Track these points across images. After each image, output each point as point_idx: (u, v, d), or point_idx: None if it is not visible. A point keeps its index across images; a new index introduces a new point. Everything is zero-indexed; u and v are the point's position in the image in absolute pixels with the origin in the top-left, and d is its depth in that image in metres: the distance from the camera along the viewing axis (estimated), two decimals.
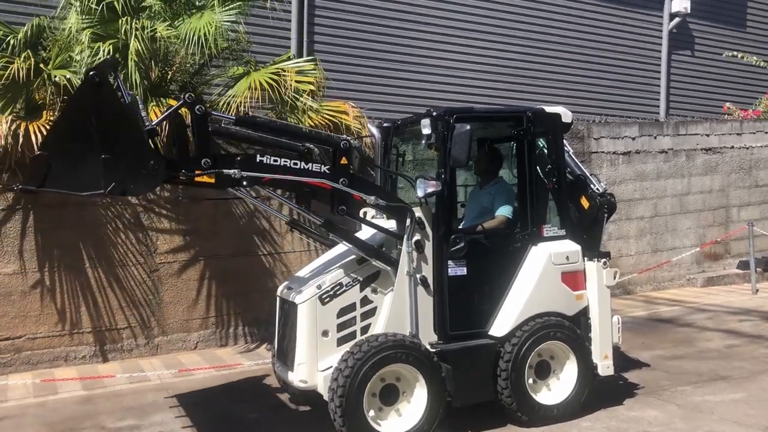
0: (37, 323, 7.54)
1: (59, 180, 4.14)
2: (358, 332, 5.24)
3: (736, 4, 15.74)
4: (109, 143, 4.16)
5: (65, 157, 4.16)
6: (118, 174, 4.16)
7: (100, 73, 4.22)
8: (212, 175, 4.61)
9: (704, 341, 8.15)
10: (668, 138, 12.06)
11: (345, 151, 5.06)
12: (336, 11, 11.52)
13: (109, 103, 4.21)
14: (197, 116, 4.64)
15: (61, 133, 4.24)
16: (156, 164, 4.31)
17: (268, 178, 4.79)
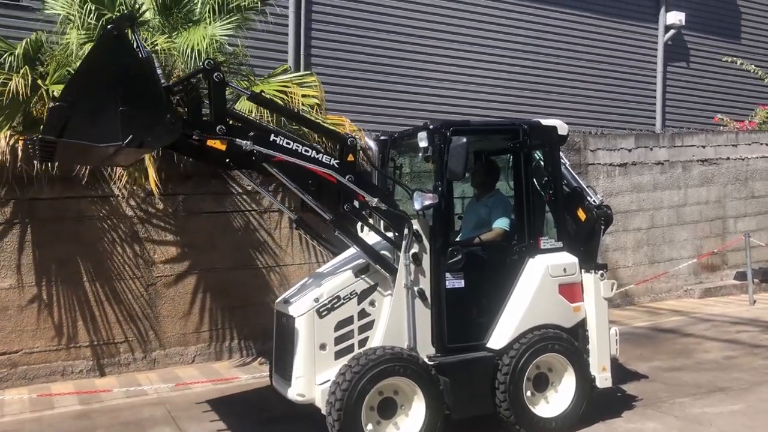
0: (34, 338, 7.52)
1: (78, 131, 4.17)
2: (356, 345, 5.23)
3: (730, 16, 15.86)
4: (127, 96, 4.24)
5: (84, 109, 4.19)
6: (136, 126, 4.24)
7: (118, 26, 4.28)
8: (224, 142, 4.66)
9: (702, 352, 8.14)
10: (664, 149, 12.11)
11: (351, 147, 5.11)
12: (333, 24, 11.59)
13: (127, 56, 4.29)
14: (215, 83, 4.70)
15: (79, 85, 4.27)
16: (172, 118, 4.40)
17: (279, 157, 4.83)
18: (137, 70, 4.33)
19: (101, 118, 4.20)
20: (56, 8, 7.87)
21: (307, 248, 8.81)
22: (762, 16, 16.30)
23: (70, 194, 7.65)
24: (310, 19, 11.41)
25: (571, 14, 13.72)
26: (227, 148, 4.70)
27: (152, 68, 4.48)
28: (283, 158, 4.86)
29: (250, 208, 8.54)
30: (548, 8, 13.46)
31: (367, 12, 11.83)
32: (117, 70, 4.23)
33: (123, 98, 4.22)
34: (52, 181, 7.42)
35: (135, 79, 4.29)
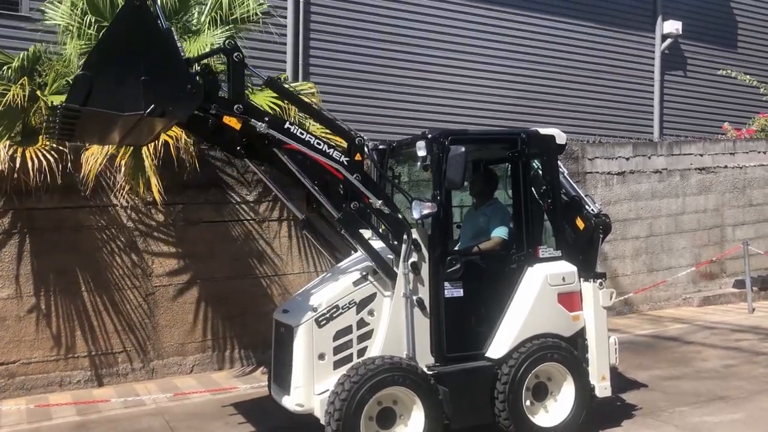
0: (32, 348, 7.49)
1: (101, 100, 4.21)
2: (355, 355, 5.22)
3: (726, 26, 15.92)
4: (148, 65, 4.28)
5: (106, 79, 4.23)
6: (158, 95, 4.28)
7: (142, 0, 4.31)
8: (240, 120, 4.72)
9: (702, 361, 8.13)
10: (662, 158, 12.13)
11: (359, 147, 5.18)
12: (331, 34, 11.61)
13: (148, 26, 4.35)
14: (235, 62, 4.78)
15: (102, 55, 4.32)
16: (193, 88, 4.46)
17: (291, 145, 4.88)
18: (158, 40, 4.39)
19: (123, 88, 4.25)
20: (56, 19, 7.89)
21: (305, 257, 8.81)
22: (758, 25, 16.37)
23: (68, 204, 7.65)
24: (309, 29, 11.44)
25: (568, 23, 13.77)
26: (241, 127, 4.76)
27: (173, 39, 4.55)
28: (294, 146, 4.92)
29: (249, 218, 8.54)
30: (546, 17, 13.51)
31: (365, 22, 11.87)
32: (138, 40, 4.28)
33: (145, 68, 4.28)
34: (51, 191, 7.42)
35: (156, 49, 4.35)
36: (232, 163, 8.47)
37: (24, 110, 7.20)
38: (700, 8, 15.45)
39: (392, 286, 5.27)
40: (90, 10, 7.56)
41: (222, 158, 8.41)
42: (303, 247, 8.78)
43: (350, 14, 11.74)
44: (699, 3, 15.47)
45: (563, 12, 13.69)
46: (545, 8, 13.49)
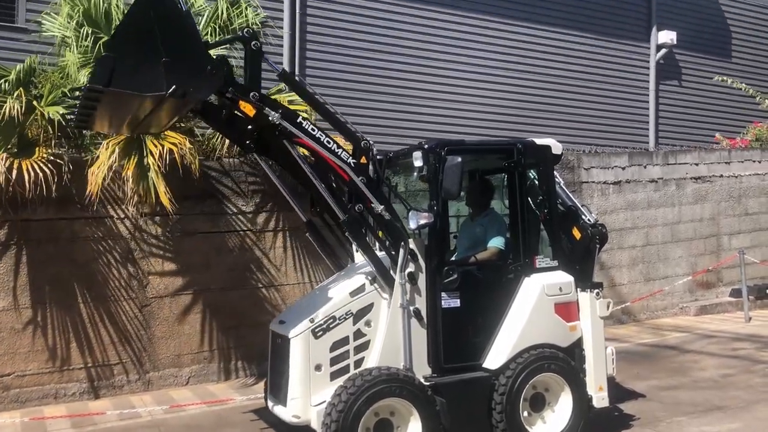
0: (27, 360, 7.45)
1: (124, 80, 4.26)
2: (352, 366, 5.20)
3: (721, 35, 16.01)
4: (169, 47, 4.33)
5: (129, 59, 4.28)
6: (179, 76, 4.33)
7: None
8: (255, 107, 4.79)
9: (699, 371, 8.12)
10: (658, 167, 12.16)
11: (365, 150, 5.20)
12: (327, 45, 11.65)
13: (168, 8, 4.40)
14: (252, 51, 4.88)
15: (124, 37, 4.38)
16: (213, 69, 4.54)
17: (301, 139, 4.94)
18: (178, 22, 4.43)
19: (145, 69, 4.30)
20: (53, 30, 7.91)
21: (302, 268, 8.80)
22: (752, 34, 16.46)
23: (64, 215, 7.63)
24: (305, 39, 11.47)
25: (564, 34, 13.83)
26: (255, 115, 4.82)
27: (192, 21, 4.63)
28: (305, 141, 4.97)
29: (245, 228, 8.53)
30: (541, 28, 13.57)
31: (361, 32, 11.90)
32: (159, 22, 4.33)
33: (165, 49, 4.32)
34: (46, 202, 7.40)
35: (176, 31, 4.39)
36: (229, 174, 8.47)
37: (20, 122, 7.19)
38: (694, 18, 15.54)
39: (389, 296, 5.26)
40: (86, 22, 7.58)
41: (218, 169, 8.41)
42: (299, 257, 8.77)
43: (346, 24, 11.79)
44: (693, 13, 15.56)
45: (558, 23, 13.76)
46: (540, 19, 13.56)
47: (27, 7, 9.52)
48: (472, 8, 12.86)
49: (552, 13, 13.67)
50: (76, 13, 7.63)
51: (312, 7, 11.56)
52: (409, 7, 12.31)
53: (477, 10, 12.90)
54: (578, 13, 14.00)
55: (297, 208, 6.07)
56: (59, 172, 7.26)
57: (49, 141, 7.52)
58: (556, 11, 13.72)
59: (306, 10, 11.47)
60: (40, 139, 7.55)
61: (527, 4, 13.44)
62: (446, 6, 12.63)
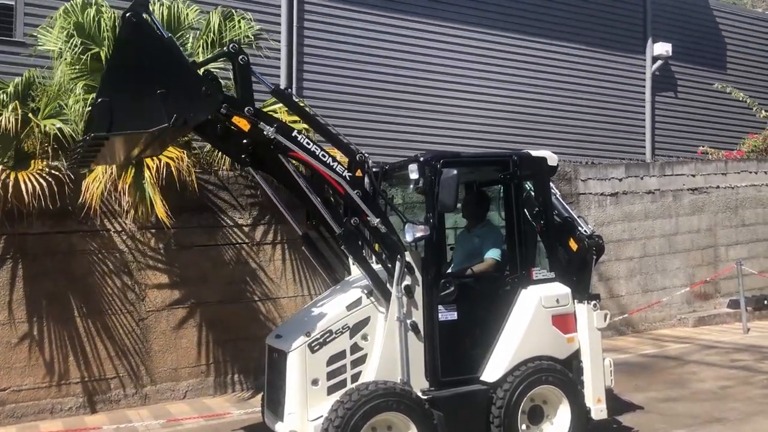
0: (23, 375, 7.42)
1: (124, 122, 4.27)
2: (349, 380, 5.17)
3: (716, 47, 16.09)
4: (160, 78, 4.34)
5: (124, 99, 4.28)
6: (176, 105, 4.35)
7: (135, 13, 4.34)
8: (250, 122, 4.77)
9: (697, 382, 8.10)
10: (655, 179, 12.19)
11: (360, 163, 5.19)
12: (323, 58, 11.68)
13: (150, 39, 4.40)
14: (240, 66, 4.82)
15: (115, 78, 4.37)
16: (208, 90, 4.54)
17: (297, 153, 4.93)
18: (164, 51, 4.45)
19: (143, 105, 4.31)
20: (48, 44, 7.92)
21: (299, 281, 8.78)
22: (746, 46, 16.54)
23: (61, 229, 7.62)
24: (302, 53, 11.51)
25: (560, 46, 13.89)
26: (250, 129, 4.80)
27: (176, 46, 4.64)
28: (300, 155, 4.96)
29: (242, 241, 8.52)
30: (537, 40, 13.63)
31: (358, 45, 11.94)
32: (145, 55, 4.34)
33: (157, 80, 4.33)
34: (44, 215, 7.39)
35: (164, 60, 4.41)
36: (226, 187, 8.48)
37: (17, 135, 7.19)
38: (689, 30, 15.62)
39: (386, 309, 5.24)
40: (77, 33, 7.60)
41: (216, 182, 8.41)
42: (296, 270, 8.76)
43: (343, 37, 11.83)
44: (688, 25, 15.65)
45: (554, 35, 13.82)
46: (536, 31, 13.62)
47: (25, 21, 9.55)
48: (468, 21, 12.91)
49: (548, 26, 13.74)
50: (68, 24, 7.65)
51: (309, 20, 11.61)
52: (406, 20, 12.37)
53: (473, 23, 12.96)
54: (574, 25, 14.07)
55: (292, 222, 6.05)
56: (57, 184, 7.26)
57: (46, 154, 7.52)
58: (551, 24, 13.78)
59: (303, 23, 11.53)
60: (37, 152, 7.55)
61: (523, 17, 13.50)
62: (443, 19, 12.68)
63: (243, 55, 4.83)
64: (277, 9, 11.26)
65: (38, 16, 9.25)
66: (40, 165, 7.33)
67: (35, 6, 9.58)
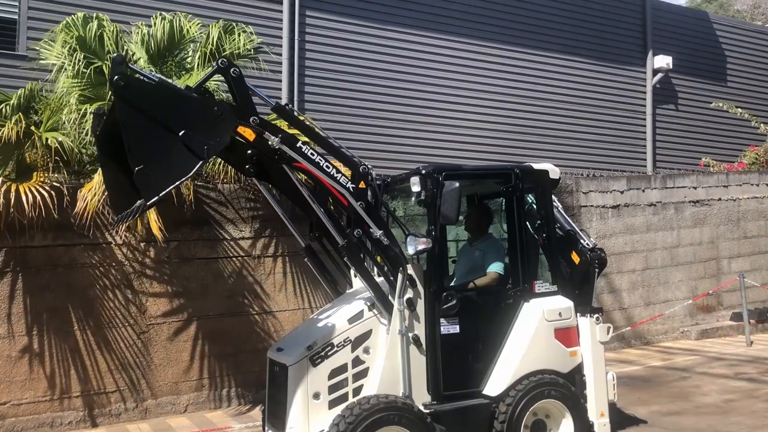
0: (23, 388, 7.38)
1: (166, 179, 4.37)
2: (351, 394, 5.15)
3: (716, 60, 16.14)
4: (173, 120, 4.40)
5: (156, 160, 4.34)
6: (203, 138, 4.43)
7: (120, 74, 4.33)
8: (255, 131, 4.81)
9: (701, 396, 8.05)
10: (656, 191, 12.18)
11: (364, 175, 5.20)
12: (325, 71, 11.73)
13: (145, 91, 4.45)
14: (234, 78, 4.85)
15: (136, 145, 4.37)
16: (219, 109, 4.59)
17: (301, 164, 4.96)
18: (161, 95, 4.49)
19: (174, 155, 4.38)
20: (51, 58, 7.96)
21: (300, 294, 8.76)
22: (746, 59, 16.60)
23: (63, 242, 7.61)
24: (304, 65, 11.56)
25: (561, 59, 13.94)
26: (255, 139, 4.84)
27: (171, 85, 4.69)
28: (304, 165, 4.98)
29: (243, 255, 8.51)
30: (539, 54, 13.68)
31: (359, 59, 11.99)
32: (148, 108, 4.38)
33: (174, 125, 4.39)
34: (45, 228, 7.39)
35: (168, 103, 4.46)
36: (227, 199, 8.47)
37: (18, 147, 7.21)
38: (689, 43, 15.68)
39: (388, 322, 5.22)
40: (79, 47, 7.64)
41: (216, 196, 8.41)
42: (297, 284, 8.74)
43: (345, 51, 11.88)
44: (688, 38, 15.71)
45: (556, 48, 13.88)
46: (538, 44, 13.67)
47: (28, 35, 9.60)
48: (471, 34, 12.97)
49: (549, 39, 13.79)
50: (71, 38, 7.69)
51: (311, 34, 11.67)
52: (408, 33, 12.43)
53: (475, 37, 13.02)
54: (574, 38, 14.13)
55: (296, 233, 6.04)
56: (57, 196, 7.26)
57: (47, 166, 7.53)
58: (553, 37, 13.84)
59: (304, 37, 11.58)
60: (39, 164, 7.56)
61: (525, 30, 13.56)
62: (443, 32, 12.74)
63: (234, 68, 4.85)
64: (278, 23, 11.32)
65: (41, 30, 9.29)
66: (41, 177, 7.33)
67: (38, 20, 9.63)
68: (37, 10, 9.74)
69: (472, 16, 13.02)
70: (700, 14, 17.43)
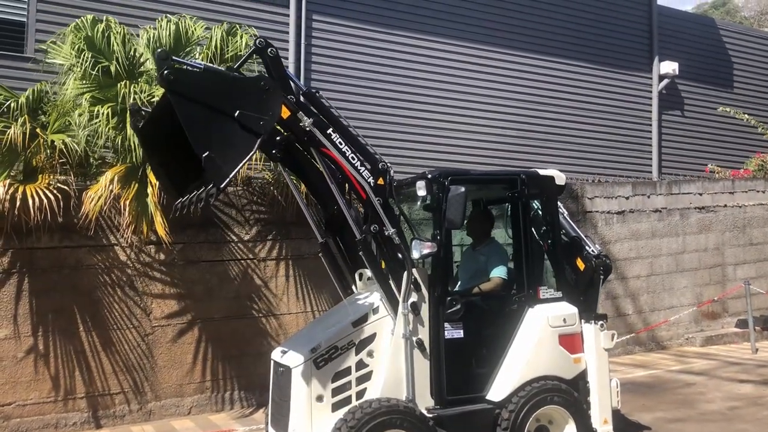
0: (28, 389, 7.41)
1: (231, 161, 4.46)
2: (354, 397, 5.16)
3: (723, 66, 16.11)
4: (228, 104, 4.49)
5: (219, 144, 4.45)
6: (255, 114, 4.53)
7: (167, 68, 4.39)
8: (290, 109, 4.95)
9: (706, 403, 8.02)
10: (661, 197, 12.16)
11: (383, 172, 5.25)
12: (331, 75, 11.75)
13: (194, 82, 4.56)
14: (271, 58, 4.99)
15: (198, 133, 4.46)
16: (265, 83, 4.68)
17: (328, 150, 5.06)
18: (209, 81, 4.62)
19: (234, 136, 4.49)
20: (58, 58, 8.00)
21: (304, 297, 8.77)
22: (752, 65, 16.57)
23: (69, 243, 7.65)
24: (310, 69, 11.58)
25: (567, 65, 13.93)
26: (288, 117, 4.96)
27: (216, 69, 4.85)
28: (331, 152, 5.09)
29: (248, 257, 8.53)
30: (545, 59, 13.68)
31: (365, 63, 12.01)
32: (199, 96, 4.46)
33: (227, 107, 4.49)
34: (51, 230, 7.42)
35: (216, 88, 4.56)
36: (232, 202, 8.50)
37: (25, 148, 7.24)
38: (696, 49, 15.66)
39: (393, 325, 5.22)
40: (87, 47, 7.67)
41: (221, 198, 8.43)
42: (301, 286, 8.75)
43: (351, 55, 11.90)
44: (695, 44, 15.69)
45: (562, 53, 13.87)
46: (545, 49, 13.67)
47: (36, 38, 9.65)
48: (477, 39, 12.98)
49: (556, 45, 13.79)
50: (79, 39, 7.72)
51: (317, 38, 11.69)
52: (414, 38, 12.43)
53: (482, 41, 13.02)
54: (581, 44, 14.12)
55: (314, 227, 5.95)
56: (64, 198, 7.29)
57: (54, 168, 7.56)
58: (560, 42, 13.84)
59: (311, 41, 11.61)
60: (45, 166, 7.59)
61: (532, 36, 13.56)
62: (450, 37, 12.75)
63: (271, 48, 4.99)
64: (285, 27, 11.35)
65: (49, 32, 9.33)
66: (47, 179, 7.36)
67: (46, 23, 9.68)
68: (45, 12, 9.79)
69: (478, 21, 13.03)
70: (706, 20, 17.43)
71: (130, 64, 7.81)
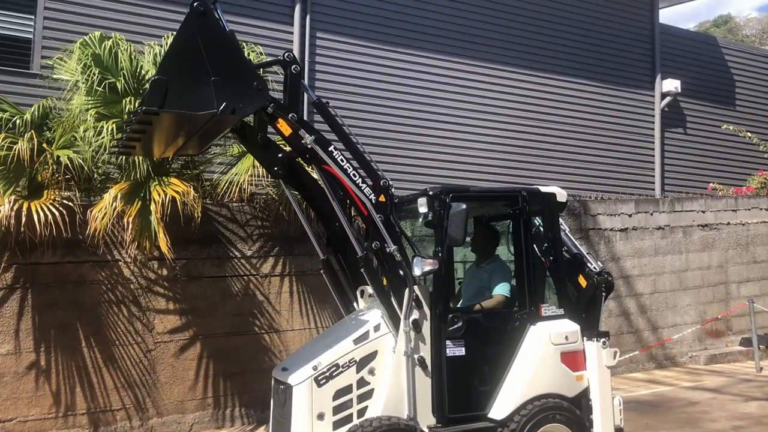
0: (29, 405, 7.39)
1: (176, 101, 4.48)
2: (355, 415, 5.14)
3: (725, 84, 16.16)
4: (217, 67, 4.55)
5: (180, 81, 4.49)
6: (228, 94, 4.56)
7: (203, 2, 4.54)
8: (292, 127, 5.04)
9: (710, 422, 7.97)
10: (664, 214, 12.15)
11: (384, 189, 5.31)
12: (333, 92, 11.79)
13: (213, 30, 4.64)
14: (293, 74, 5.15)
15: (174, 60, 4.60)
16: (259, 85, 4.79)
17: (329, 167, 5.14)
18: (224, 42, 4.69)
19: (196, 89, 4.52)
20: (64, 75, 8.06)
21: (306, 314, 8.76)
22: (754, 84, 16.61)
23: (72, 259, 7.66)
24: (314, 86, 11.63)
25: (570, 82, 13.98)
26: (290, 135, 5.07)
27: (236, 41, 4.86)
28: (333, 169, 5.16)
29: (251, 273, 8.53)
30: (547, 76, 13.73)
31: (369, 80, 12.06)
32: (205, 43, 4.55)
33: (214, 69, 4.54)
34: (54, 245, 7.44)
35: (222, 51, 4.64)
36: (235, 218, 8.52)
37: (30, 164, 7.28)
38: (698, 67, 15.71)
39: (394, 343, 5.22)
40: (94, 63, 7.73)
41: (224, 214, 8.46)
42: (304, 303, 8.75)
43: (353, 72, 11.95)
44: (697, 62, 15.74)
45: (565, 71, 13.92)
46: (547, 67, 13.73)
47: (42, 54, 9.73)
48: (480, 57, 13.04)
49: (559, 62, 13.84)
50: (85, 55, 7.79)
51: (321, 55, 11.77)
52: (418, 55, 12.50)
53: (484, 59, 13.08)
54: (583, 61, 14.17)
55: (315, 243, 5.94)
56: (68, 214, 7.31)
57: (59, 184, 7.59)
58: (562, 60, 13.89)
59: (315, 58, 11.68)
60: (50, 182, 7.63)
61: (535, 54, 13.62)
62: (454, 54, 12.81)
63: (296, 65, 5.10)
64: (289, 44, 11.41)
65: (55, 49, 9.40)
66: (52, 195, 7.39)
67: (53, 39, 9.77)
68: (51, 29, 9.88)
69: (481, 39, 13.10)
70: (708, 39, 17.49)
71: (135, 80, 7.87)
